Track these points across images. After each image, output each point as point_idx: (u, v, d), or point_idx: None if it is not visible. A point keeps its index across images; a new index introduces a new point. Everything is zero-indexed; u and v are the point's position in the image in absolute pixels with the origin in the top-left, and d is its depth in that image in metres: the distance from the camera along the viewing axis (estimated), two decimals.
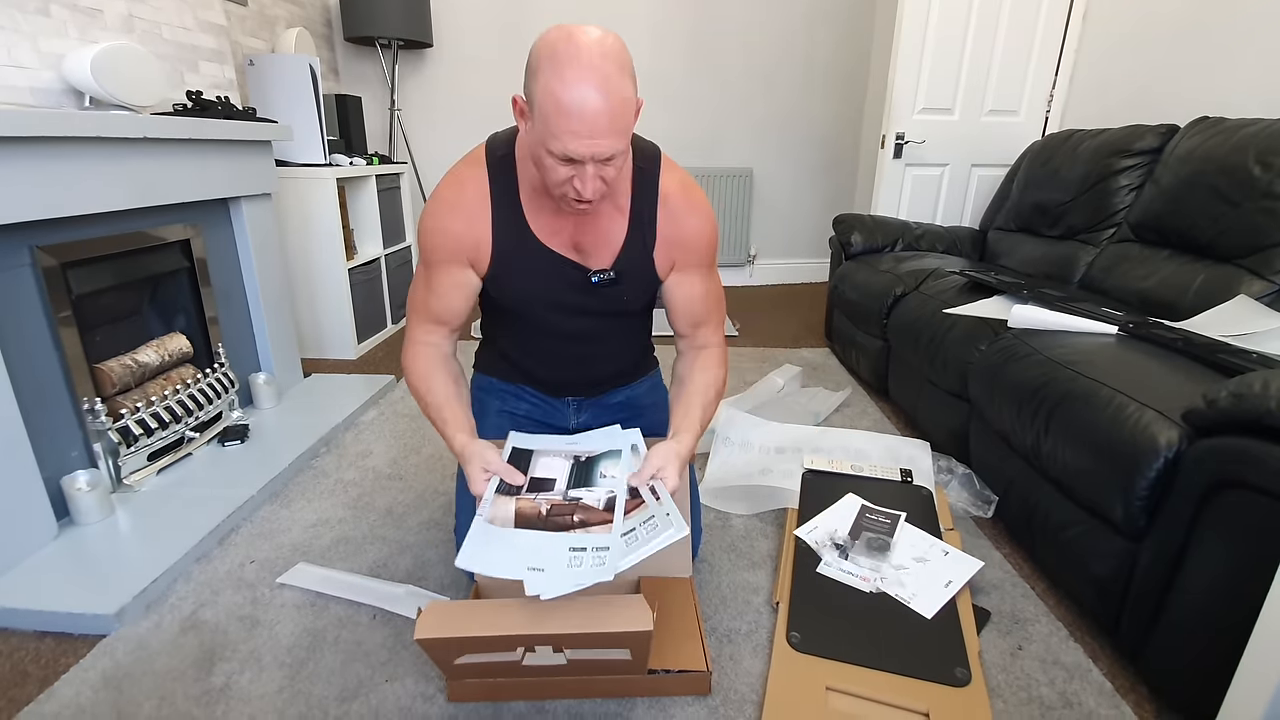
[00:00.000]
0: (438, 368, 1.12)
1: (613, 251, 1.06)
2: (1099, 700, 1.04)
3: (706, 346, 1.17)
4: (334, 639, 1.16)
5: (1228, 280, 1.61)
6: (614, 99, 0.83)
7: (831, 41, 3.66)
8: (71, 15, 1.53)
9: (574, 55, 0.82)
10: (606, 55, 0.83)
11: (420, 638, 0.89)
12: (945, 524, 1.39)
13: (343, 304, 2.60)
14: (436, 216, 1.05)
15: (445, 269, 1.07)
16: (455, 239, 1.05)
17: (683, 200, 1.07)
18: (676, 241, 1.08)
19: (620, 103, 0.84)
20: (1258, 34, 1.94)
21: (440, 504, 1.58)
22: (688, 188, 1.08)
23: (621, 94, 0.84)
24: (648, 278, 1.10)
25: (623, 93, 0.84)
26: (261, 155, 1.99)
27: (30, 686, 1.05)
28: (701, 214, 1.09)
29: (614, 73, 0.83)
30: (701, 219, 1.09)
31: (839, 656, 1.07)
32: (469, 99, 3.53)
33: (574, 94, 0.81)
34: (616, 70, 0.83)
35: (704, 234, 1.10)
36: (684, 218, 1.07)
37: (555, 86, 0.82)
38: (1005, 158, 2.75)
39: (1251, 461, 0.85)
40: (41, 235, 1.36)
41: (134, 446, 1.57)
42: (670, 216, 1.06)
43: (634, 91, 0.87)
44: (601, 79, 0.82)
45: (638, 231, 1.06)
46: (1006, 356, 1.47)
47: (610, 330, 1.19)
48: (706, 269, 1.14)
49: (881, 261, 2.46)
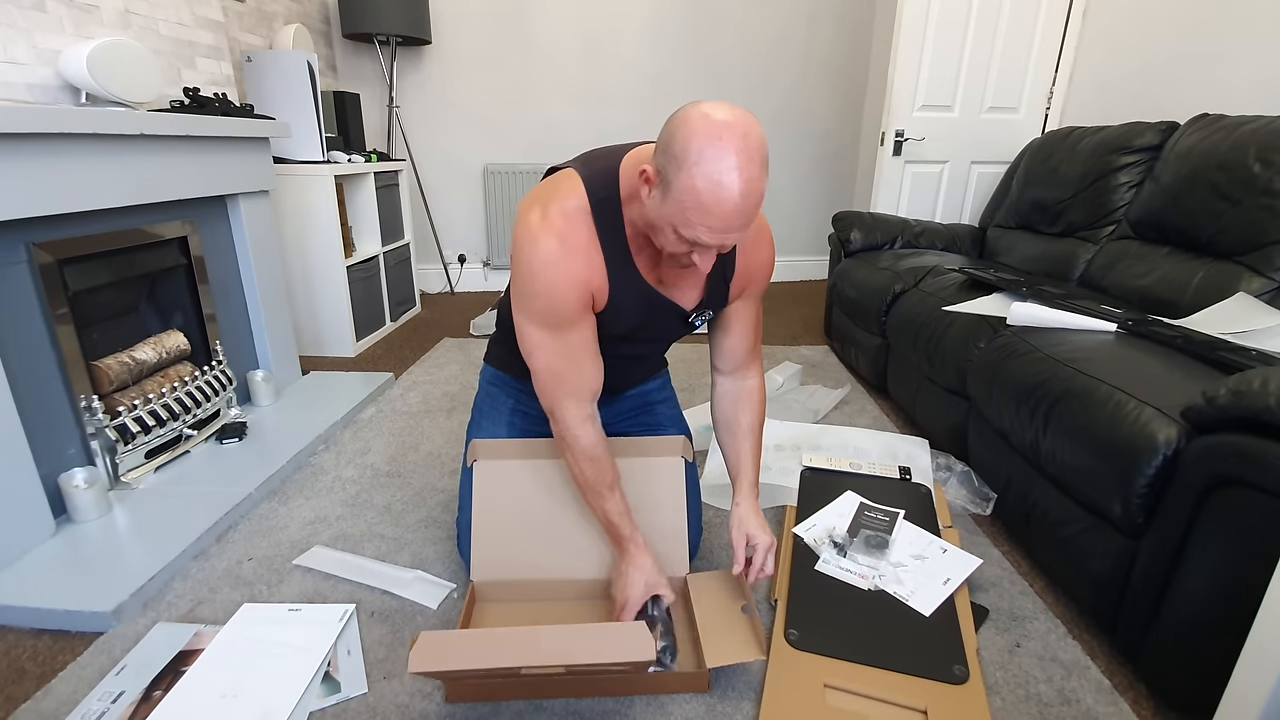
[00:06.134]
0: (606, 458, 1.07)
1: (698, 285, 1.07)
2: (1097, 698, 1.04)
3: (750, 379, 1.19)
4: None
5: (1227, 277, 1.61)
6: (753, 199, 0.82)
7: (830, 38, 3.65)
8: (68, 11, 1.52)
9: (722, 154, 0.78)
10: (752, 155, 0.80)
11: (415, 670, 0.86)
12: (944, 521, 1.39)
13: (341, 301, 2.60)
14: (554, 269, 0.93)
15: (579, 326, 0.99)
16: (580, 283, 0.96)
17: (758, 232, 1.09)
18: (747, 272, 1.10)
19: (757, 201, 0.83)
20: (1258, 31, 1.94)
21: (439, 501, 1.58)
22: (760, 221, 1.09)
23: (760, 192, 0.82)
24: (720, 306, 1.13)
25: (761, 190, 0.82)
26: (259, 152, 1.98)
27: (28, 684, 1.05)
28: (769, 245, 1.12)
29: (758, 173, 0.81)
30: (769, 250, 1.12)
31: (837, 654, 1.07)
32: (468, 96, 3.52)
33: (719, 195, 0.79)
34: (760, 169, 0.81)
35: (769, 264, 1.13)
36: (757, 250, 1.10)
37: (700, 181, 0.79)
38: (1005, 155, 2.75)
39: (1250, 459, 0.85)
40: (38, 232, 1.36)
41: (131, 444, 1.57)
42: (746, 250, 1.08)
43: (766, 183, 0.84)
44: (746, 181, 0.79)
45: (720, 267, 1.05)
46: (1005, 354, 1.47)
47: (664, 349, 1.23)
48: (761, 296, 1.17)
49: (881, 259, 2.46)
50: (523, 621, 1.15)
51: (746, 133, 0.80)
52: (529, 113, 3.58)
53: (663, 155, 0.83)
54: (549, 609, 1.18)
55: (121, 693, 1.02)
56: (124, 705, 1.00)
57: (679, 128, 0.81)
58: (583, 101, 3.59)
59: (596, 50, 3.51)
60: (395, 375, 2.39)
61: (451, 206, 3.71)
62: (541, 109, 3.58)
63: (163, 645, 1.12)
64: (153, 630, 1.16)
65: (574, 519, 1.20)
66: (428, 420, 2.04)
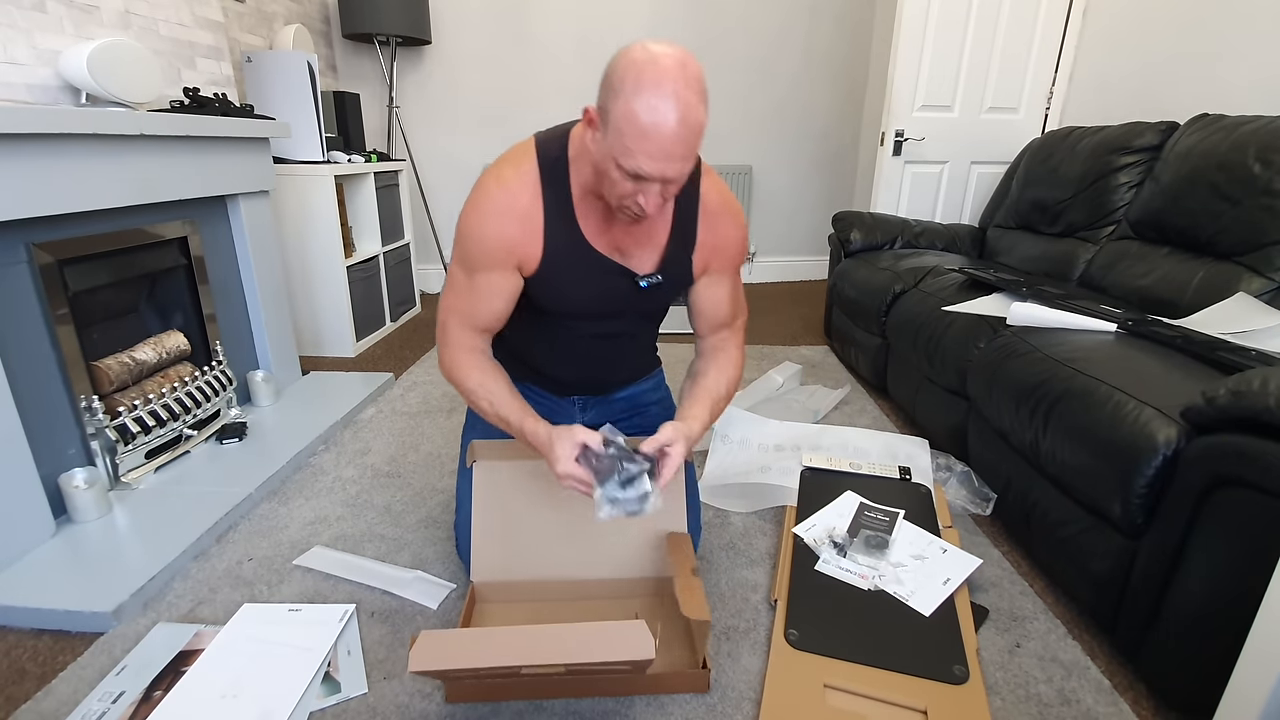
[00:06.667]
0: (490, 373, 1.10)
1: (655, 254, 1.09)
2: (1097, 698, 1.04)
3: (726, 348, 1.19)
4: None
5: (1227, 278, 1.61)
6: (691, 125, 0.84)
7: (830, 37, 3.65)
8: (68, 11, 1.52)
9: (657, 77, 0.82)
10: (689, 81, 0.83)
11: (415, 670, 0.86)
12: (944, 521, 1.39)
13: (341, 302, 2.60)
14: (486, 219, 1.01)
15: (492, 274, 1.05)
16: (507, 243, 1.02)
17: (722, 207, 1.11)
18: (713, 246, 1.11)
19: (696, 128, 0.85)
20: (1257, 30, 1.94)
21: (438, 501, 1.58)
22: (725, 195, 1.12)
23: (698, 119, 0.85)
24: (684, 279, 1.13)
25: (699, 118, 0.85)
26: (259, 152, 1.98)
27: (28, 684, 1.05)
28: (737, 221, 1.13)
29: (695, 100, 0.83)
30: (737, 225, 1.13)
31: (837, 654, 1.07)
32: (468, 96, 3.52)
33: (655, 118, 0.82)
34: (697, 98, 0.84)
35: (738, 240, 1.14)
36: (722, 224, 1.11)
37: (635, 106, 0.82)
38: (1005, 155, 2.75)
39: (1250, 459, 0.85)
40: (38, 232, 1.36)
41: (131, 444, 1.57)
42: (710, 222, 1.10)
43: (707, 115, 0.87)
44: (683, 105, 0.82)
45: (680, 235, 1.08)
46: (1005, 354, 1.47)
47: (637, 331, 1.23)
48: (734, 272, 1.17)
49: (880, 259, 2.46)
50: (522, 621, 1.15)
51: (684, 63, 0.83)
52: (529, 113, 3.58)
53: (603, 91, 0.87)
54: (549, 609, 1.18)
55: (122, 693, 1.02)
56: (124, 705, 1.00)
57: (618, 61, 0.85)
58: (582, 100, 3.52)
59: (596, 49, 3.50)
60: (395, 375, 2.39)
61: (452, 206, 3.70)
62: (541, 109, 3.58)
63: (163, 645, 1.12)
64: (153, 630, 1.16)
65: (574, 519, 1.20)
66: (428, 420, 2.04)
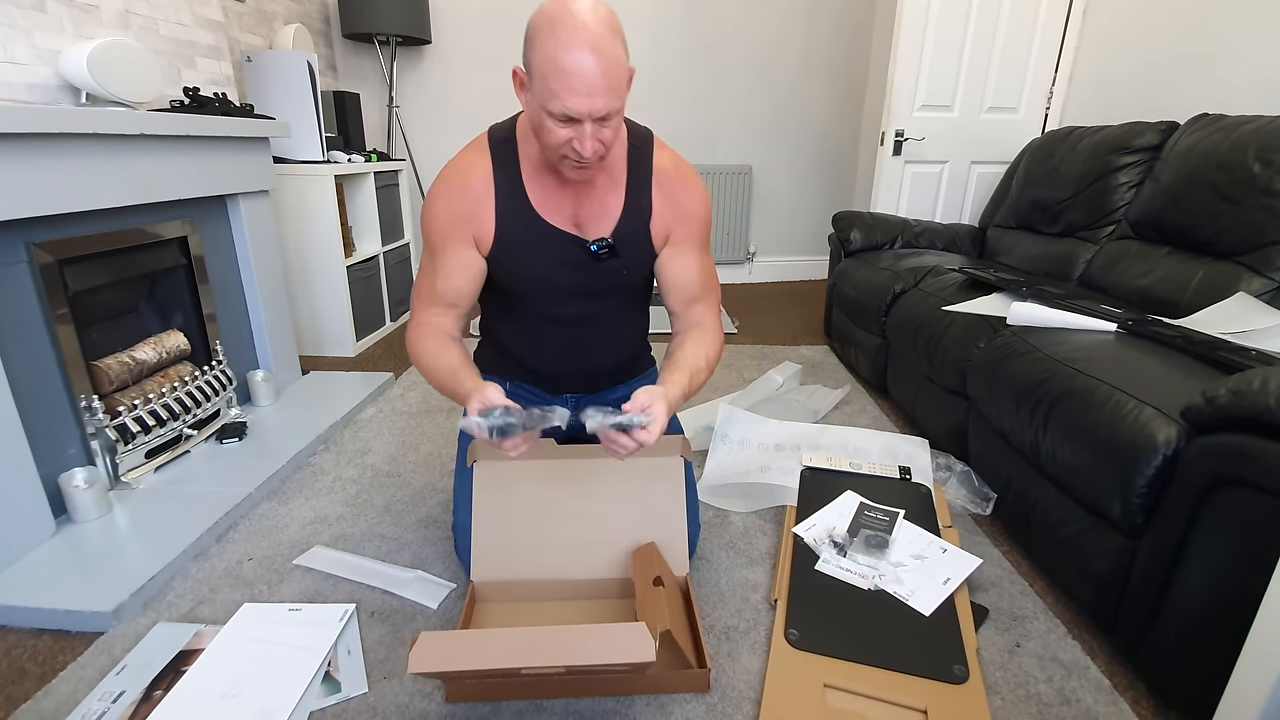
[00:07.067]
0: (447, 343, 1.12)
1: (610, 223, 1.11)
2: (1097, 697, 1.04)
3: (700, 325, 1.19)
4: None
5: (1227, 277, 1.61)
6: (608, 58, 0.89)
7: (830, 38, 3.65)
8: (68, 11, 1.52)
9: (569, 20, 0.87)
10: (600, 20, 0.89)
11: (415, 670, 0.86)
12: (944, 521, 1.39)
13: (341, 301, 2.60)
14: (441, 200, 1.09)
15: (451, 251, 1.10)
16: (461, 220, 1.08)
17: (676, 175, 1.13)
18: (671, 214, 1.13)
19: (614, 62, 0.90)
20: (1258, 30, 1.94)
21: (438, 501, 1.58)
22: (680, 164, 1.14)
23: (615, 54, 0.90)
24: (644, 250, 1.14)
25: (616, 53, 0.90)
26: (259, 152, 1.98)
27: (28, 684, 1.05)
28: (694, 188, 1.14)
29: (607, 35, 0.89)
30: (694, 193, 1.14)
31: (837, 654, 1.07)
32: (468, 96, 3.52)
33: (571, 55, 0.87)
34: (609, 34, 0.89)
35: (697, 208, 1.15)
36: (678, 191, 1.12)
37: (553, 49, 0.87)
38: (1005, 155, 2.75)
39: (1250, 459, 0.85)
40: (38, 232, 1.36)
41: (131, 444, 1.57)
42: (665, 190, 1.12)
43: (626, 56, 0.92)
44: (596, 40, 0.87)
45: (634, 203, 1.10)
46: (1005, 354, 1.47)
47: (608, 312, 1.22)
48: (701, 246, 1.18)
49: (880, 259, 2.46)
50: (522, 622, 1.15)
51: (595, 6, 0.89)
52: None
53: (525, 48, 0.92)
54: (549, 609, 1.18)
55: (122, 692, 1.02)
56: (124, 705, 1.00)
57: (534, 17, 0.91)
58: None
59: None
60: (395, 375, 2.39)
61: None
62: None
63: (163, 645, 1.12)
64: (153, 630, 1.16)
65: (574, 519, 1.20)
66: (427, 420, 2.04)
